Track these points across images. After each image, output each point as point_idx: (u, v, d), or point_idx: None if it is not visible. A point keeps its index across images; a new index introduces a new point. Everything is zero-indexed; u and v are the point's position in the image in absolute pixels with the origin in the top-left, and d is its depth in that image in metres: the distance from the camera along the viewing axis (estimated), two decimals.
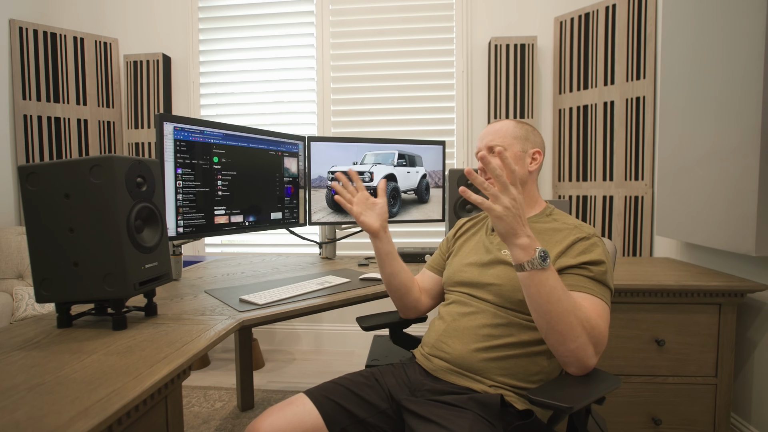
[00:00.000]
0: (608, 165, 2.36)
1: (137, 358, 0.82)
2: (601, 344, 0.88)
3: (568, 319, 0.84)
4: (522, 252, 0.84)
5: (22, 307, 2.21)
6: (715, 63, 1.61)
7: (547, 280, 0.84)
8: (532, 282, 0.85)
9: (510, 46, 2.51)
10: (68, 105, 2.63)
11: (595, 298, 0.92)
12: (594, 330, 0.86)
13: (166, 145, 1.40)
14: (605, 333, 0.89)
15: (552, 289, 0.84)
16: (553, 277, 0.85)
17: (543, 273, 0.84)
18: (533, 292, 0.85)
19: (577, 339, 0.84)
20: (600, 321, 0.88)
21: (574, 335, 0.84)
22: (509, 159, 0.86)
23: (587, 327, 0.85)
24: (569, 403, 0.79)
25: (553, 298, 0.84)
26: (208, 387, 2.27)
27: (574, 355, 0.86)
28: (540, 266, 0.83)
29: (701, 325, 1.52)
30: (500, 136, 1.10)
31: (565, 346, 0.85)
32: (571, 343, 0.85)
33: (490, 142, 1.10)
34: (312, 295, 1.33)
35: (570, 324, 0.84)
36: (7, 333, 0.98)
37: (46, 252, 0.97)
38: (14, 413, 0.62)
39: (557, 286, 0.84)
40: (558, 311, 0.84)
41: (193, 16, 2.78)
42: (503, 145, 1.09)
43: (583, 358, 0.86)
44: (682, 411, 1.55)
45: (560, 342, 0.86)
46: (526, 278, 0.85)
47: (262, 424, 0.93)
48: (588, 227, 1.02)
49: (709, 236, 1.65)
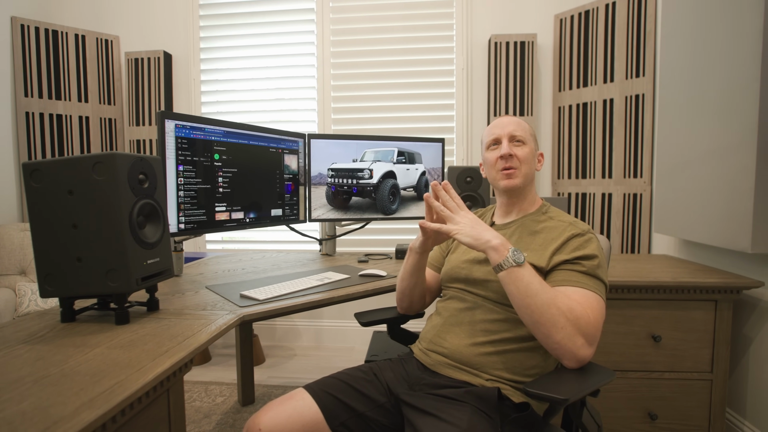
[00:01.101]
0: (607, 162, 2.37)
1: (140, 351, 0.84)
2: (592, 335, 0.89)
3: (549, 311, 0.87)
4: (496, 253, 0.91)
5: (25, 302, 2.23)
6: (713, 61, 1.61)
7: (523, 276, 0.89)
8: (510, 279, 0.90)
9: (510, 43, 2.52)
10: (70, 102, 2.65)
11: (587, 291, 0.93)
12: (580, 320, 0.87)
13: (167, 143, 1.41)
14: (595, 324, 0.90)
15: (528, 283, 0.88)
16: (529, 273, 0.90)
17: (518, 270, 0.89)
18: (512, 289, 0.90)
19: (562, 330, 0.86)
20: (588, 312, 0.89)
21: (557, 326, 0.86)
22: (452, 190, 1.00)
23: (571, 318, 0.87)
24: (565, 396, 0.81)
25: (530, 291, 0.88)
26: (209, 382, 2.30)
27: (563, 346, 0.87)
28: (514, 263, 0.89)
29: (697, 321, 1.54)
30: (522, 129, 1.12)
31: (551, 338, 0.88)
32: (557, 335, 0.87)
33: (514, 132, 1.11)
34: (312, 291, 1.34)
35: (552, 315, 0.86)
36: (12, 327, 0.99)
37: (50, 248, 0.98)
38: (20, 404, 0.64)
39: (533, 281, 0.89)
40: (537, 304, 0.87)
41: (194, 14, 2.78)
42: (524, 139, 1.11)
43: (573, 349, 0.87)
44: (677, 406, 1.56)
45: (546, 335, 0.88)
46: (505, 277, 0.91)
47: (263, 418, 0.95)
48: (582, 224, 1.04)
49: (706, 233, 1.66)
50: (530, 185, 1.14)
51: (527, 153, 1.10)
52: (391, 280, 1.50)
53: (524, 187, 1.11)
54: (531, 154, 1.11)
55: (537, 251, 1.01)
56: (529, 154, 1.11)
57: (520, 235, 1.08)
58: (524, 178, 1.10)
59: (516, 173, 1.09)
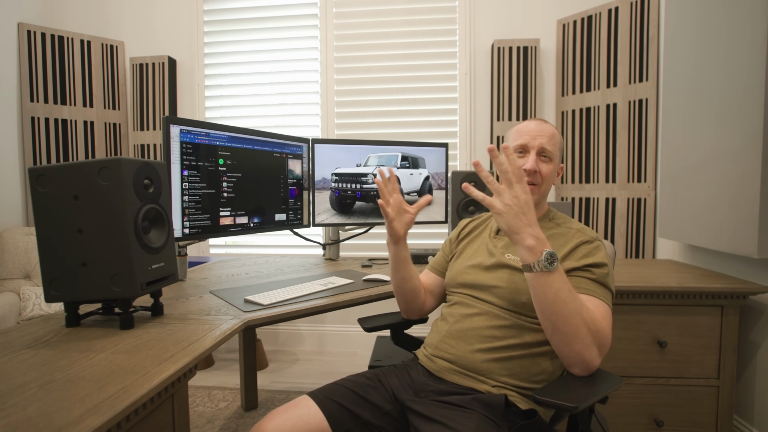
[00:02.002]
0: (611, 167, 2.37)
1: (144, 356, 0.84)
2: (605, 346, 0.89)
3: (573, 321, 0.84)
4: (528, 253, 0.85)
5: (29, 306, 2.23)
6: (717, 66, 1.61)
7: (553, 283, 0.84)
8: (538, 283, 0.85)
9: (513, 48, 2.52)
10: (75, 107, 2.66)
11: (598, 300, 0.93)
12: (599, 332, 0.87)
13: (172, 147, 1.41)
14: (608, 335, 0.90)
15: (558, 291, 0.84)
16: (560, 280, 0.85)
17: (549, 275, 0.84)
18: (539, 293, 0.86)
19: (582, 341, 0.85)
20: (604, 323, 0.89)
21: (579, 337, 0.85)
22: (515, 156, 0.85)
23: (592, 329, 0.86)
24: (574, 403, 0.80)
25: (558, 299, 0.84)
26: (212, 387, 2.29)
27: (579, 356, 0.86)
28: (546, 268, 0.83)
29: (703, 327, 1.53)
30: (552, 143, 1.06)
31: (570, 347, 0.86)
32: (576, 345, 0.86)
33: (545, 145, 1.05)
34: (316, 296, 1.34)
35: (575, 326, 0.85)
36: (18, 332, 1.00)
37: (56, 252, 0.99)
38: (26, 409, 0.63)
39: (563, 288, 0.84)
40: (564, 313, 0.84)
41: (198, 19, 2.80)
42: (552, 155, 1.06)
43: (588, 359, 0.87)
44: (684, 413, 1.55)
45: (565, 343, 0.86)
46: (533, 279, 0.86)
47: (267, 426, 0.93)
48: (590, 231, 1.04)
49: (711, 238, 1.65)
50: (543, 199, 1.12)
51: (551, 171, 1.06)
52: None
53: (538, 203, 1.09)
54: (554, 172, 1.08)
55: None
56: (552, 171, 1.07)
57: None
58: (540, 196, 1.08)
59: (534, 190, 1.05)
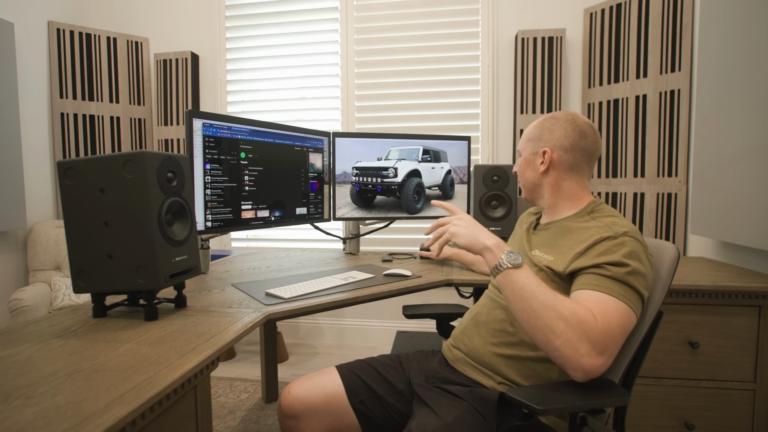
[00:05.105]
0: (640, 161, 2.29)
1: (168, 348, 0.84)
2: (602, 343, 0.79)
3: (545, 315, 0.80)
4: (491, 253, 0.90)
5: (60, 297, 2.31)
6: (754, 55, 1.53)
7: (518, 278, 0.85)
8: (506, 281, 0.87)
9: (537, 39, 2.45)
10: (102, 103, 2.72)
11: (604, 295, 0.84)
12: (584, 324, 0.79)
13: (195, 141, 1.43)
14: (605, 330, 0.80)
15: (523, 285, 0.85)
16: (525, 275, 0.86)
17: (515, 271, 0.86)
18: (507, 293, 0.87)
19: (561, 335, 0.79)
20: (598, 316, 0.80)
21: (555, 332, 0.79)
22: (443, 202, 1.08)
23: (573, 322, 0.79)
24: (542, 405, 0.77)
25: (525, 294, 0.84)
26: (234, 378, 2.32)
27: (563, 354, 0.79)
28: (510, 265, 0.86)
29: (739, 327, 1.46)
30: (523, 140, 1.15)
31: (550, 344, 0.80)
32: (555, 341, 0.79)
33: (518, 147, 1.17)
34: (336, 290, 1.34)
35: (548, 319, 0.80)
36: (47, 321, 1.02)
37: (83, 244, 1.00)
38: (55, 398, 0.65)
39: (529, 283, 0.85)
40: (533, 307, 0.82)
41: (220, 15, 2.82)
42: (522, 150, 1.15)
43: (576, 356, 0.78)
44: (717, 417, 1.49)
45: (545, 341, 0.81)
46: (501, 280, 0.88)
47: (294, 385, 1.12)
48: (621, 226, 0.93)
49: (747, 235, 1.57)
50: (540, 189, 1.10)
51: (521, 165, 1.14)
52: (416, 280, 1.48)
53: (532, 196, 1.13)
54: (525, 164, 1.13)
55: (560, 254, 0.96)
56: (523, 164, 1.13)
57: (553, 237, 1.03)
58: (525, 190, 1.15)
59: (521, 187, 1.17)
